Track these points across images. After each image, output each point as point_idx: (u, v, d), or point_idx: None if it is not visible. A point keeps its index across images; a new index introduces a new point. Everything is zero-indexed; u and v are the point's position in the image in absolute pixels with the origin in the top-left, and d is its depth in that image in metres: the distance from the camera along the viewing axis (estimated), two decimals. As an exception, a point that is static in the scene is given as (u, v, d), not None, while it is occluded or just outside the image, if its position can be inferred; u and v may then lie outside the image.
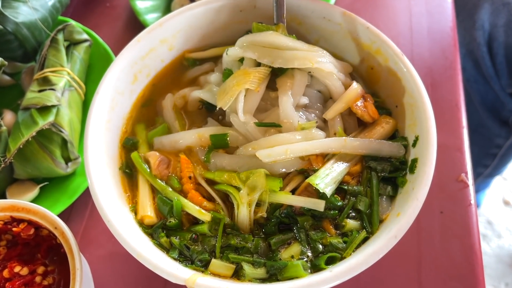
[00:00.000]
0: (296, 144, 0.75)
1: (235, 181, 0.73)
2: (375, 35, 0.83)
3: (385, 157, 0.78)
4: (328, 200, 0.73)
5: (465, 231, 0.91)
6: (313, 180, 0.72)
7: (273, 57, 0.78)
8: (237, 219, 0.74)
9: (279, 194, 0.73)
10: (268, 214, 0.74)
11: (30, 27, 1.05)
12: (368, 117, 0.82)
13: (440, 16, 1.24)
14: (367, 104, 0.82)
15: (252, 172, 0.72)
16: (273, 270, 0.69)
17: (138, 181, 0.81)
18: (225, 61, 0.86)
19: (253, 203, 0.72)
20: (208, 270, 0.69)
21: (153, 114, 0.90)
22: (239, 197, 0.73)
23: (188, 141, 0.81)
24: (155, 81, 0.92)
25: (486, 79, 1.53)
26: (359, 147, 0.77)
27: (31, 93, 0.99)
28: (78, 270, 0.71)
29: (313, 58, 0.78)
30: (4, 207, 0.77)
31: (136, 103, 0.89)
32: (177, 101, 0.89)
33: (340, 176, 0.75)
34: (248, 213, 0.73)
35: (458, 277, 0.86)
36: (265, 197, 0.73)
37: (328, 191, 0.72)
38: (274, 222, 0.74)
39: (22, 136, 0.91)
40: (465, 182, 0.95)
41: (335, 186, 0.74)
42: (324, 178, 0.73)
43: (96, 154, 0.75)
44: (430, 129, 0.72)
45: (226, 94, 0.77)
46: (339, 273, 0.63)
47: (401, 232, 0.65)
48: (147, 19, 1.18)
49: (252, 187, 0.72)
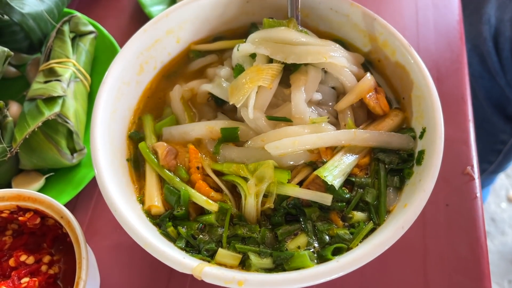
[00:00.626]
0: (304, 136, 0.74)
1: (243, 171, 0.73)
2: (383, 26, 0.83)
3: (394, 149, 0.78)
4: (336, 192, 0.73)
5: (470, 224, 0.90)
6: (321, 172, 0.72)
7: (286, 53, 0.78)
8: (244, 209, 0.74)
9: (286, 186, 0.73)
10: (275, 205, 0.74)
11: (36, 18, 1.05)
12: (380, 109, 0.81)
13: (447, 10, 1.23)
14: (379, 96, 0.81)
15: (261, 164, 0.72)
16: (280, 260, 0.69)
17: (145, 172, 0.81)
18: (235, 56, 0.85)
19: (260, 194, 0.72)
20: (215, 259, 0.69)
21: (161, 105, 0.90)
22: (246, 187, 0.72)
23: (198, 133, 0.81)
24: (163, 73, 0.92)
25: (492, 74, 1.52)
26: (369, 139, 0.77)
27: (37, 84, 0.99)
28: (84, 259, 0.71)
29: (326, 53, 0.78)
30: (11, 196, 0.77)
31: (144, 94, 0.90)
32: (185, 93, 0.89)
33: (349, 168, 0.75)
34: (255, 203, 0.73)
35: (463, 270, 0.86)
36: (273, 189, 0.72)
37: (337, 184, 0.72)
38: (281, 212, 0.74)
39: (28, 126, 0.91)
40: (471, 175, 0.95)
41: (343, 178, 0.74)
42: (333, 170, 0.73)
43: (102, 144, 0.75)
44: (437, 121, 0.72)
45: (239, 91, 0.77)
46: (345, 263, 0.63)
47: (408, 223, 0.65)
48: (152, 11, 1.18)
49: (260, 178, 0.72)
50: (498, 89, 1.55)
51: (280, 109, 0.80)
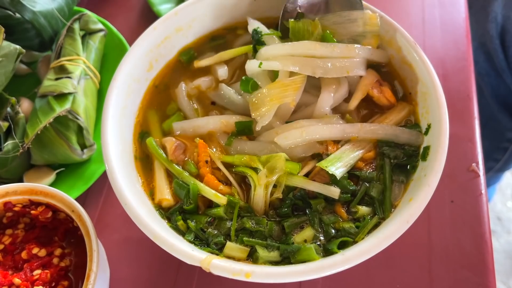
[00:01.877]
0: (312, 127, 0.76)
1: (254, 163, 0.75)
2: (388, 24, 0.84)
3: (400, 143, 0.79)
4: (340, 183, 0.75)
5: (475, 220, 0.91)
6: (323, 164, 0.74)
7: (313, 67, 0.79)
8: (253, 200, 0.75)
9: (296, 177, 0.75)
10: (283, 196, 0.75)
11: (47, 16, 1.07)
12: (385, 100, 0.83)
13: (453, 8, 1.24)
14: (383, 88, 0.83)
15: (273, 156, 0.74)
16: (286, 253, 0.70)
17: (153, 167, 0.82)
18: (249, 69, 0.84)
19: (270, 184, 0.74)
20: (223, 252, 0.71)
21: (165, 101, 0.91)
22: (257, 178, 0.74)
23: (211, 126, 0.83)
24: (167, 70, 0.93)
25: (498, 72, 1.52)
26: (375, 132, 0.79)
27: (48, 81, 1.01)
28: (95, 252, 0.73)
29: (350, 68, 0.80)
30: (23, 190, 0.79)
31: (148, 91, 0.90)
32: (191, 91, 0.90)
33: (353, 161, 0.76)
34: (264, 194, 0.74)
35: (468, 266, 0.87)
36: (283, 180, 0.74)
37: (338, 173, 0.73)
38: (288, 204, 0.75)
39: (40, 122, 0.93)
40: (476, 172, 0.96)
41: (346, 169, 0.75)
42: (335, 162, 0.74)
43: (113, 140, 0.77)
44: (442, 117, 0.73)
45: (261, 106, 0.78)
46: (351, 256, 0.64)
47: (413, 217, 0.66)
48: (161, 10, 1.20)
49: (271, 169, 0.73)
50: (505, 87, 1.55)
51: (300, 111, 0.82)
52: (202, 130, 0.83)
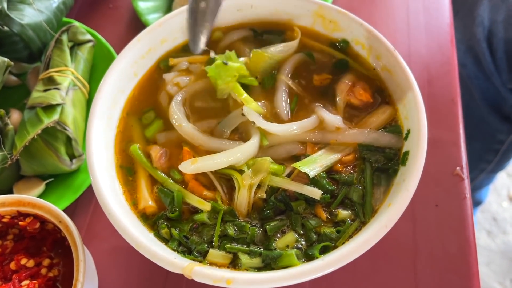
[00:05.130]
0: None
1: (240, 165, 0.77)
2: (368, 31, 0.85)
3: (381, 147, 0.81)
4: (319, 184, 0.76)
5: (460, 224, 0.92)
6: (297, 164, 0.76)
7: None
8: (236, 202, 0.76)
9: (279, 178, 0.77)
10: (266, 196, 0.77)
11: (35, 28, 1.08)
12: (356, 100, 0.85)
13: (437, 13, 1.25)
14: (354, 89, 0.85)
15: (258, 160, 0.77)
16: (268, 259, 0.71)
17: (137, 176, 0.83)
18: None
19: (254, 185, 0.75)
20: (206, 259, 0.72)
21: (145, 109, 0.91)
22: (241, 179, 0.75)
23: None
24: (147, 78, 0.94)
25: (487, 75, 1.53)
26: (353, 136, 0.81)
27: (37, 92, 1.02)
28: (82, 262, 0.74)
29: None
30: (11, 202, 0.79)
31: (128, 100, 0.91)
32: (170, 89, 0.90)
33: (329, 162, 0.78)
34: (248, 195, 0.75)
35: (453, 269, 0.88)
36: (266, 180, 0.76)
37: (311, 173, 0.75)
38: (270, 205, 0.77)
39: (28, 134, 0.94)
40: (460, 176, 0.97)
41: (321, 169, 0.77)
42: (310, 163, 0.76)
43: (97, 150, 0.78)
44: (421, 123, 0.74)
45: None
46: (331, 261, 0.65)
47: (391, 222, 0.67)
48: (149, 19, 1.21)
49: (257, 171, 0.75)
50: (494, 90, 1.57)
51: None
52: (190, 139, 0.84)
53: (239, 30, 0.97)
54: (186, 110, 0.88)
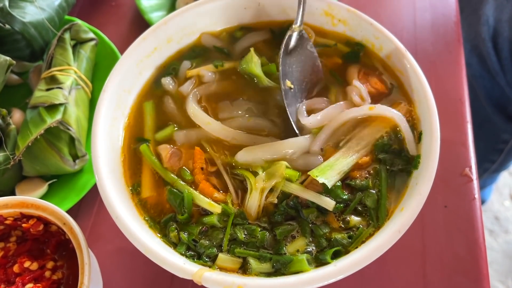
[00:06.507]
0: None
1: (255, 166, 0.76)
2: (379, 31, 0.84)
3: (397, 150, 0.79)
4: (333, 193, 0.74)
5: (469, 225, 0.91)
6: (314, 172, 0.74)
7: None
8: (247, 204, 0.75)
9: (293, 184, 0.75)
10: (278, 201, 0.75)
11: (37, 26, 1.07)
12: (371, 88, 0.84)
13: (444, 11, 1.24)
14: (369, 78, 0.85)
15: (274, 163, 0.75)
16: (279, 264, 0.70)
17: (143, 176, 0.81)
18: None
19: (266, 189, 0.74)
20: (216, 264, 0.70)
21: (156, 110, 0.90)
22: (254, 181, 0.74)
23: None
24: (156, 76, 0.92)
25: (492, 75, 1.52)
26: (383, 110, 0.80)
27: (39, 91, 1.00)
28: (87, 265, 0.72)
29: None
30: (14, 203, 0.78)
31: (137, 99, 0.90)
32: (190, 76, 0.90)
33: (346, 167, 0.76)
34: (259, 199, 0.74)
35: (462, 271, 0.87)
36: (279, 185, 0.74)
37: (329, 183, 0.73)
38: (281, 211, 0.75)
39: (31, 134, 0.93)
40: (469, 176, 0.96)
41: (338, 177, 0.75)
42: (327, 170, 0.74)
43: (103, 152, 0.76)
44: (433, 125, 0.73)
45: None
46: (343, 267, 0.64)
47: (404, 226, 0.66)
48: (152, 18, 1.19)
49: (271, 175, 0.74)
50: (499, 89, 1.56)
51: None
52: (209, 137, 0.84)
53: (258, 32, 0.96)
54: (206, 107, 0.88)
